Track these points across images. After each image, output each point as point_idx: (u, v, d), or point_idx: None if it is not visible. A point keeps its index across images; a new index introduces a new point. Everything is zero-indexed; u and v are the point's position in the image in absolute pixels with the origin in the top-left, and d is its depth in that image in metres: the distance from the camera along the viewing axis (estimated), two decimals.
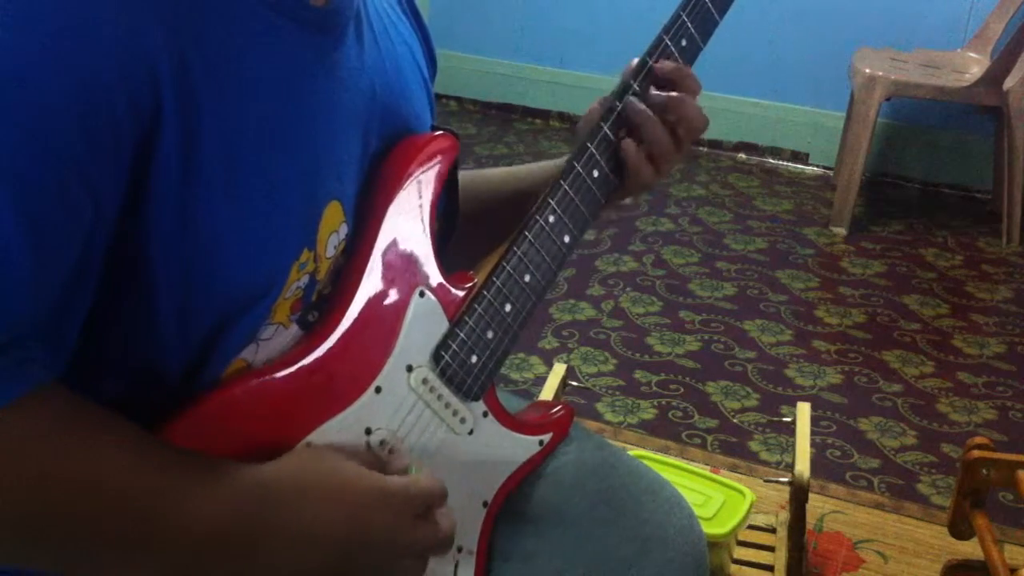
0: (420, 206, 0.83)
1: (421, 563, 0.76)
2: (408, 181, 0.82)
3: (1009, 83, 2.82)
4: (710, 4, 0.90)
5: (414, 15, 0.94)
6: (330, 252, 0.77)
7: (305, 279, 0.75)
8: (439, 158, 0.85)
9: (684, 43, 0.89)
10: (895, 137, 3.44)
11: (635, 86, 0.88)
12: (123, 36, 0.60)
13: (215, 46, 0.65)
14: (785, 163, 3.61)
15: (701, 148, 3.68)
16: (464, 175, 0.95)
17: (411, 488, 0.74)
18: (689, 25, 0.89)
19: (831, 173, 3.46)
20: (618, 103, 0.87)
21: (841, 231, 3.05)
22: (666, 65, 0.88)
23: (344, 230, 0.78)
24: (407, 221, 0.81)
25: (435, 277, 0.82)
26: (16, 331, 0.60)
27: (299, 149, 0.72)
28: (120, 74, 0.60)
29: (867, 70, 2.95)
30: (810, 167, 3.58)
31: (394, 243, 0.80)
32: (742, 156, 3.65)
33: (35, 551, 0.63)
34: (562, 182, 0.86)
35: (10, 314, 0.60)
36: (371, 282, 0.78)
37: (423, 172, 0.84)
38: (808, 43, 3.45)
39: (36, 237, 0.59)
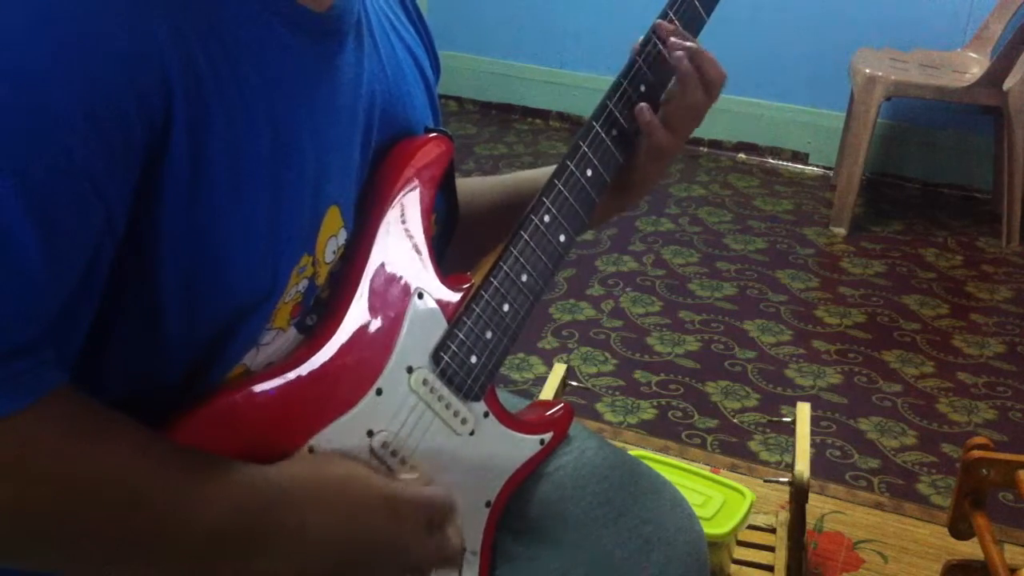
0: (416, 209, 0.83)
1: (429, 569, 0.76)
2: (403, 184, 0.82)
3: (1009, 83, 2.82)
4: (698, 2, 0.90)
5: (419, 20, 0.95)
6: (329, 257, 0.77)
7: (304, 283, 0.75)
8: (434, 160, 0.86)
9: None
10: (895, 137, 3.45)
11: (625, 84, 0.88)
12: (133, 41, 0.61)
13: (220, 52, 0.66)
14: (785, 163, 3.61)
15: (701, 148, 3.68)
16: (459, 182, 0.94)
17: (421, 497, 0.74)
18: (677, 24, 0.89)
19: (831, 173, 3.46)
20: (609, 102, 0.88)
21: (841, 231, 3.06)
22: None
23: (343, 235, 0.78)
24: (403, 224, 0.81)
25: (432, 279, 0.82)
26: (32, 334, 0.61)
27: (302, 154, 0.72)
28: (131, 79, 0.60)
29: (867, 70, 2.95)
30: (810, 167, 3.58)
31: (391, 246, 0.80)
32: (742, 156, 3.65)
33: (47, 551, 0.63)
34: (556, 181, 0.86)
35: (28, 318, 0.60)
36: (369, 285, 0.78)
37: (418, 174, 0.84)
38: (808, 43, 3.45)
39: (49, 241, 0.59)
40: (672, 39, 0.88)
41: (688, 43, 0.89)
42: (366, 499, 0.72)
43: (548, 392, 1.56)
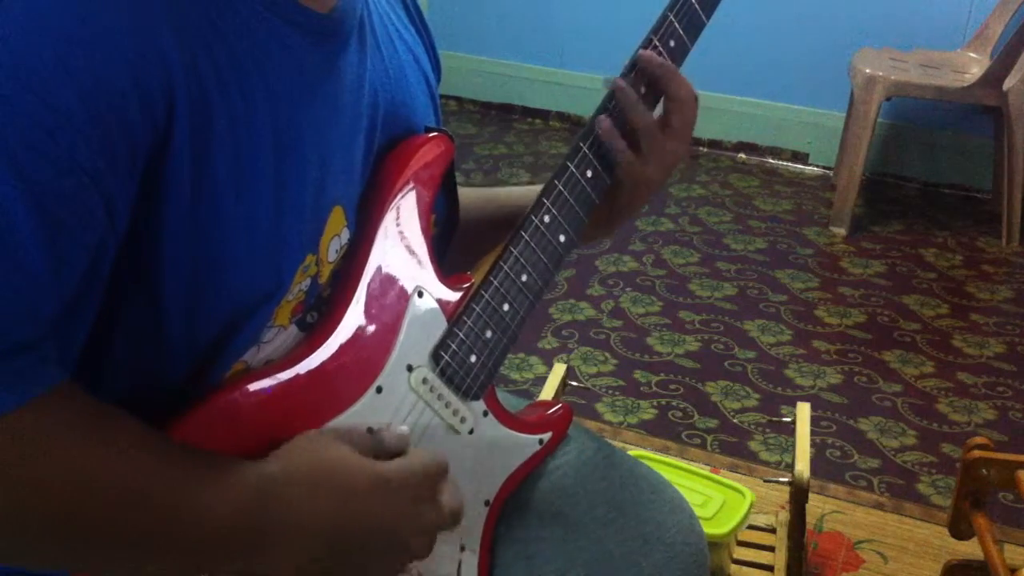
0: (416, 208, 0.83)
1: (429, 540, 0.76)
2: (403, 184, 0.82)
3: (1009, 83, 2.82)
4: (697, 5, 0.90)
5: (420, 21, 0.95)
6: (332, 256, 0.77)
7: (307, 282, 0.75)
8: (434, 159, 0.86)
9: (672, 44, 0.89)
10: (895, 137, 3.45)
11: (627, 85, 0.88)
12: (136, 42, 0.61)
13: (223, 52, 0.66)
14: (785, 163, 3.61)
15: (701, 148, 3.68)
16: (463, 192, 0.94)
17: (408, 470, 0.74)
18: (677, 26, 0.89)
19: (831, 173, 3.46)
20: (610, 104, 0.88)
21: (841, 231, 3.06)
22: (653, 60, 0.87)
23: (346, 234, 0.78)
24: (403, 224, 0.82)
25: (432, 278, 0.82)
26: (34, 332, 0.61)
27: (305, 154, 0.72)
28: (134, 79, 0.61)
29: (867, 70, 2.95)
30: (810, 167, 3.58)
31: (391, 245, 0.80)
32: (742, 156, 3.65)
33: (47, 549, 0.64)
34: (556, 182, 0.86)
35: (30, 316, 0.60)
36: (370, 284, 0.78)
37: (418, 174, 0.84)
38: (808, 43, 3.45)
39: (51, 239, 0.60)
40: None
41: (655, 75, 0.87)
42: (357, 483, 0.71)
43: (548, 392, 1.56)
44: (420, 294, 0.81)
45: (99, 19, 0.60)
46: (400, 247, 0.81)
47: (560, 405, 0.97)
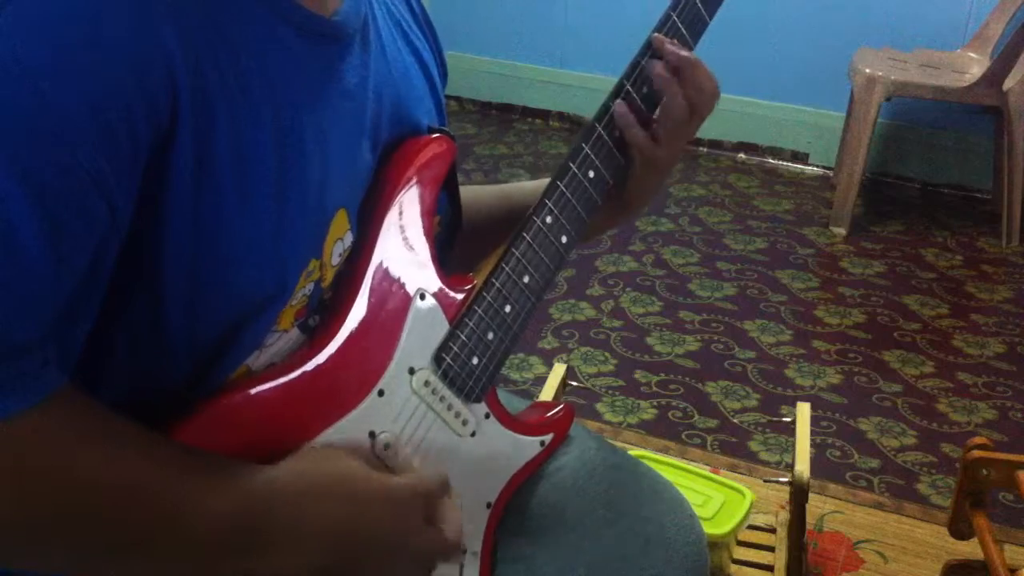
0: (417, 209, 0.83)
1: (428, 567, 0.77)
2: (405, 185, 0.83)
3: (1009, 83, 2.82)
4: (700, 4, 0.90)
5: (426, 24, 0.95)
6: (335, 260, 0.77)
7: (311, 286, 0.75)
8: (435, 160, 0.86)
9: (676, 43, 0.89)
10: (895, 137, 3.45)
11: (628, 85, 0.88)
12: (139, 43, 0.61)
13: (226, 54, 0.66)
14: (785, 163, 3.61)
15: (701, 148, 3.68)
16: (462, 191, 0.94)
17: (417, 487, 0.74)
18: (680, 25, 0.89)
19: (831, 173, 3.46)
20: (612, 103, 0.88)
21: (841, 231, 3.06)
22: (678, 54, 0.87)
23: (349, 238, 0.79)
24: (405, 225, 0.82)
25: (434, 280, 0.82)
26: (36, 333, 0.61)
27: (306, 157, 0.72)
28: (137, 80, 0.61)
29: (867, 70, 2.95)
30: (810, 167, 3.58)
31: (393, 247, 0.80)
32: (742, 156, 3.65)
33: (49, 552, 0.64)
34: (558, 183, 0.86)
35: (31, 317, 0.60)
36: (371, 286, 0.78)
37: (419, 175, 0.84)
38: (808, 43, 3.45)
39: (53, 238, 0.60)
40: (667, 48, 0.87)
41: (679, 55, 0.87)
42: (364, 494, 0.72)
43: (548, 392, 1.56)
44: (422, 296, 0.81)
45: (101, 19, 0.60)
46: (402, 249, 0.81)
47: (561, 406, 0.97)
